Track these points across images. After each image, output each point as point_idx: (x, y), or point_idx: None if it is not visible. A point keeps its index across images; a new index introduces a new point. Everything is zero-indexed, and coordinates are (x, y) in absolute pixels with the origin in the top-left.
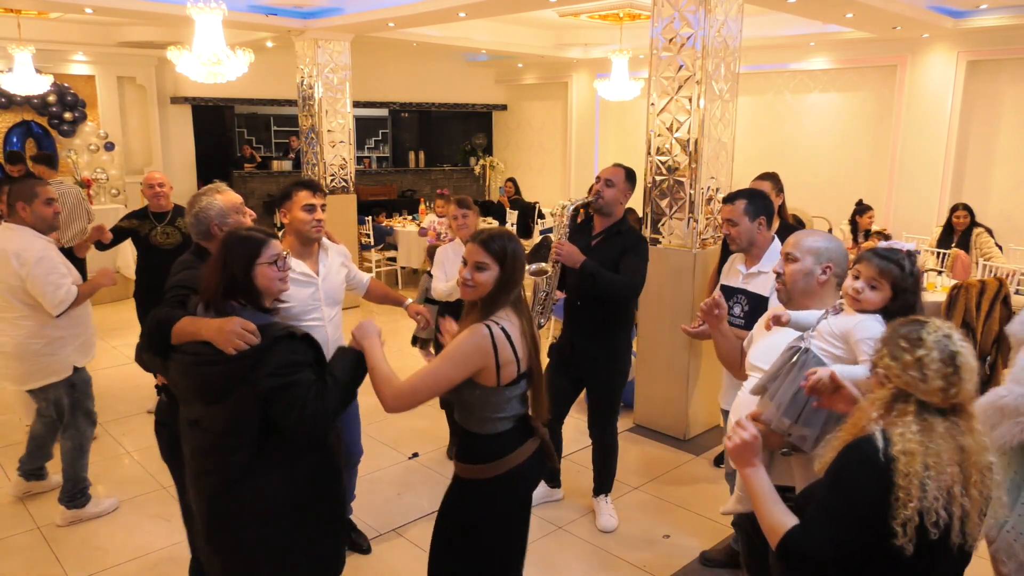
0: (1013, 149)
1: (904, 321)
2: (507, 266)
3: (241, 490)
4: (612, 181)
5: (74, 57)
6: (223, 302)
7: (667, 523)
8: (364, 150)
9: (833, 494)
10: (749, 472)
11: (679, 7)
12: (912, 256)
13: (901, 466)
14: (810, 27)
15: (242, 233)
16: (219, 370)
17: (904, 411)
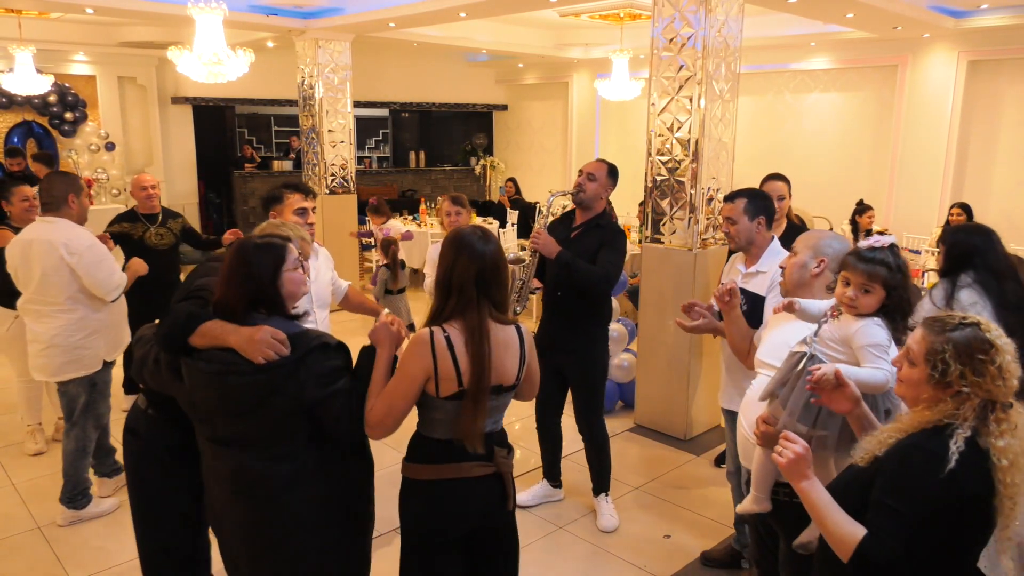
0: (1014, 149)
1: (954, 325)
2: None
3: (289, 501)
4: (594, 175)
5: (75, 57)
6: (246, 315)
7: (667, 523)
8: (364, 150)
9: (895, 495)
10: (805, 486)
11: (680, 7)
12: (894, 249)
13: (1008, 479)
14: (811, 27)
15: (259, 242)
16: (249, 381)
17: (999, 420)
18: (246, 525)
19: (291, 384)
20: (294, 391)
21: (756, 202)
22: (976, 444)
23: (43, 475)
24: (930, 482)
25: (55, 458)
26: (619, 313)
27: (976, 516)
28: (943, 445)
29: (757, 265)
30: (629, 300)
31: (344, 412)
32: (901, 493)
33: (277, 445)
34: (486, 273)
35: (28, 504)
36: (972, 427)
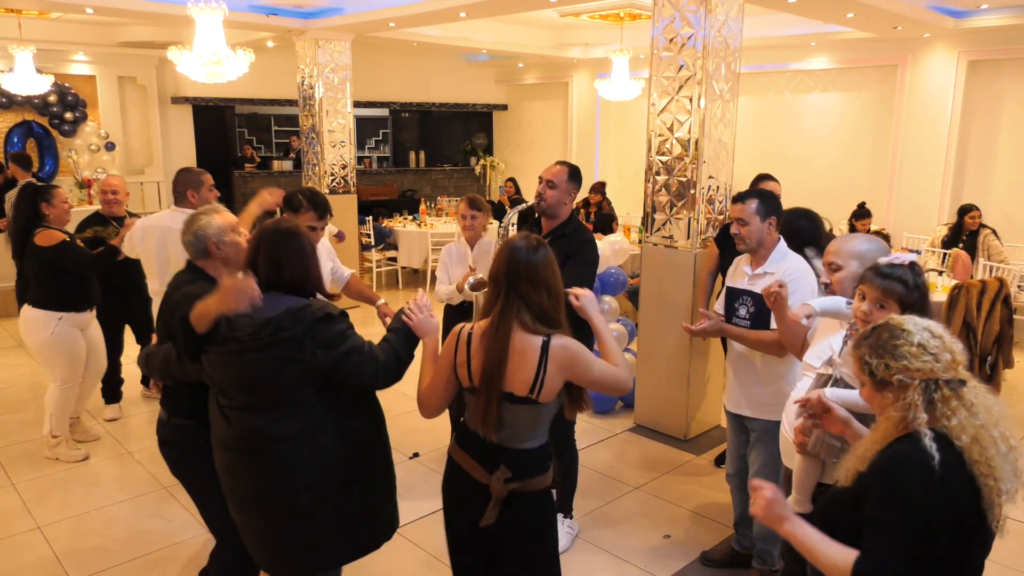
0: (1014, 149)
1: (866, 334)
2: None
3: (301, 454)
4: (554, 182)
5: (75, 57)
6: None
7: (667, 523)
8: (365, 150)
9: (891, 511)
10: (788, 527)
11: (680, 7)
12: (915, 268)
13: (976, 456)
14: (811, 27)
15: (294, 227)
16: (265, 356)
17: (944, 399)
18: (258, 483)
19: (303, 353)
20: (307, 359)
21: (767, 203)
22: (938, 433)
23: (43, 475)
24: (923, 490)
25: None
26: (619, 313)
27: (975, 500)
28: (920, 448)
29: (764, 266)
30: (629, 300)
31: (356, 368)
32: (894, 505)
33: (292, 405)
34: (528, 280)
35: (28, 504)
36: (926, 413)
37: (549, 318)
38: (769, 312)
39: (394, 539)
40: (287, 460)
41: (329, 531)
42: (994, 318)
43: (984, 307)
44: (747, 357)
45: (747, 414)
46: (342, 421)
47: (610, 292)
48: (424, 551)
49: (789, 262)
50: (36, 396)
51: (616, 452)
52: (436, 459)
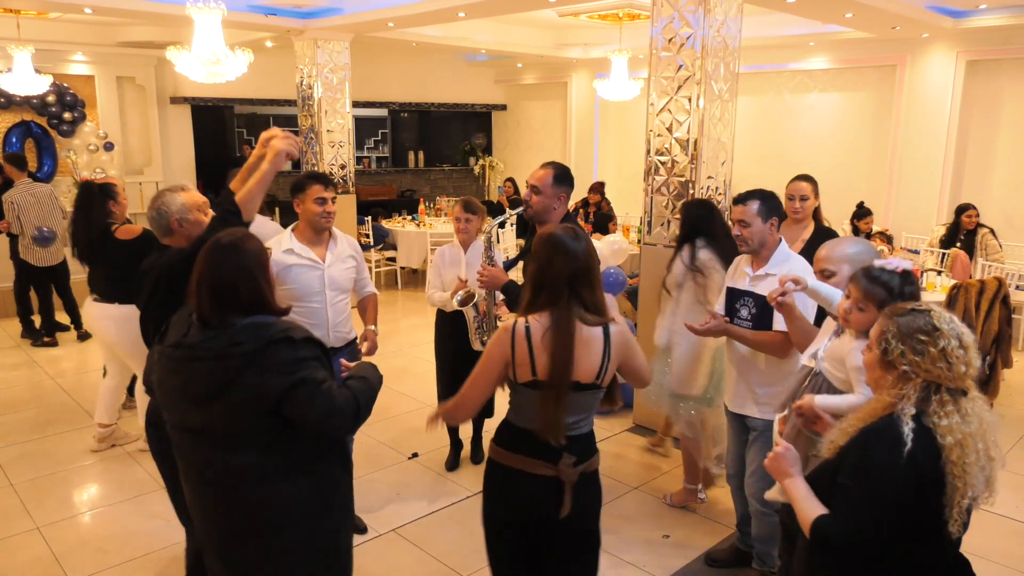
0: (1013, 149)
1: (903, 311)
2: (543, 256)
3: (255, 496)
4: (538, 188)
5: (73, 57)
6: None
7: (666, 523)
8: (364, 150)
9: (859, 480)
10: (788, 482)
11: (678, 7)
12: (907, 276)
13: (955, 458)
14: (809, 27)
15: (245, 236)
16: (210, 366)
17: (942, 402)
18: (215, 515)
19: (250, 374)
20: (253, 381)
21: (769, 203)
22: (922, 423)
23: (42, 475)
24: (891, 465)
25: (54, 458)
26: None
27: (937, 494)
28: (897, 429)
29: (766, 267)
30: (628, 300)
31: (308, 401)
32: (862, 476)
33: (243, 438)
34: (579, 273)
35: (27, 504)
36: (916, 407)
37: (599, 308)
38: (771, 313)
39: (392, 538)
40: (243, 496)
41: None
42: (993, 318)
43: (983, 307)
44: (750, 357)
45: (751, 413)
46: (312, 462)
47: (610, 292)
48: (422, 550)
49: (792, 263)
50: (35, 396)
51: (615, 452)
52: (435, 459)
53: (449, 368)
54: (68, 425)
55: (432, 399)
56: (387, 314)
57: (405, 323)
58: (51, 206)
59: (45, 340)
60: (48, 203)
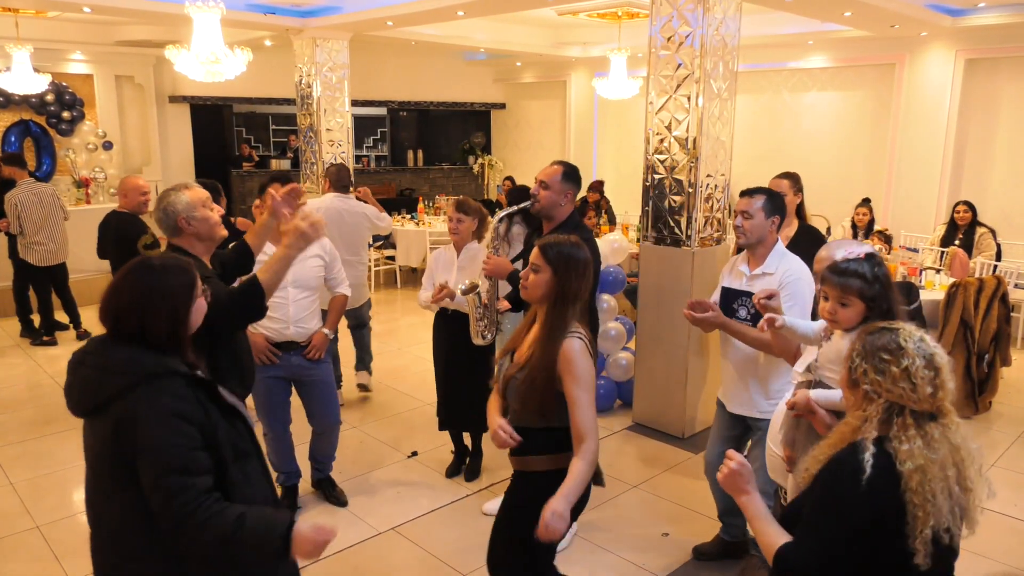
0: (1011, 147)
1: (874, 330)
2: (560, 273)
3: (116, 552)
4: (547, 183)
5: (72, 56)
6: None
7: (666, 521)
8: (363, 149)
9: (821, 511)
10: (744, 499)
11: (677, 5)
12: (872, 258)
13: (915, 485)
14: (808, 25)
15: (169, 263)
16: (88, 375)
17: (904, 425)
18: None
19: (123, 402)
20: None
21: (774, 202)
22: (883, 449)
23: (41, 474)
24: (849, 497)
25: (54, 458)
26: (617, 312)
27: (899, 523)
28: (858, 458)
29: (763, 267)
30: (627, 299)
31: (160, 486)
32: (822, 508)
33: (106, 479)
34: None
35: (27, 503)
36: (877, 430)
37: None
38: None
39: (392, 537)
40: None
41: None
42: (992, 316)
43: (982, 305)
44: (751, 356)
45: (750, 414)
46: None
47: (609, 291)
48: (422, 548)
49: (788, 263)
50: (34, 396)
51: (614, 450)
52: (435, 458)
53: (442, 374)
54: (67, 424)
55: (431, 398)
56: (386, 313)
57: (404, 322)
58: (53, 206)
59: (44, 339)
60: (51, 203)
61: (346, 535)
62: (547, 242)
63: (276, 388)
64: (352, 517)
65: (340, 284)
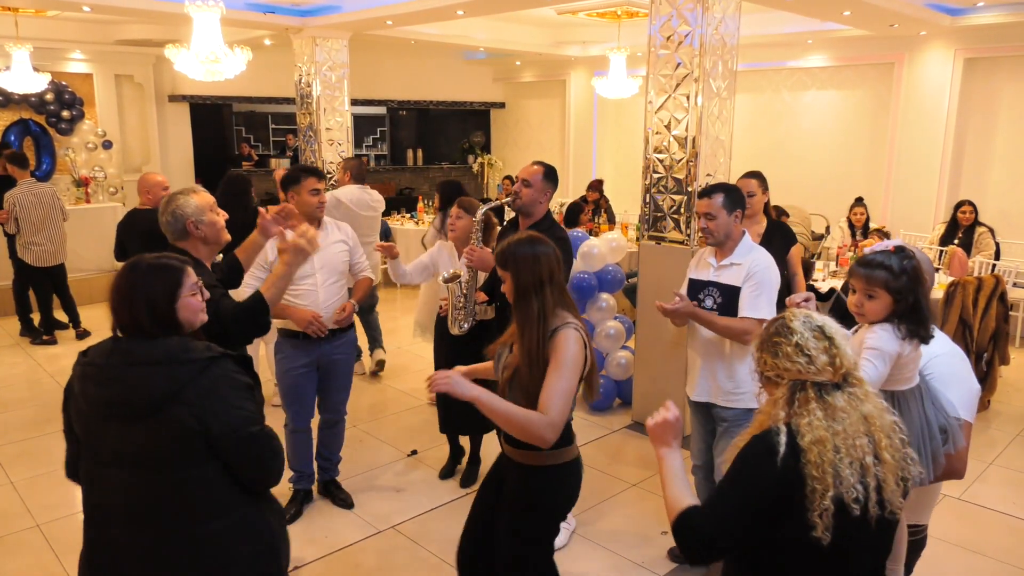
0: (1010, 147)
1: (767, 323)
2: (512, 271)
3: (201, 537)
4: (529, 181)
5: (72, 55)
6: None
7: (664, 520)
8: (362, 148)
9: (731, 485)
10: (664, 452)
11: (677, 5)
12: (902, 251)
13: (813, 457)
14: (808, 24)
15: (154, 262)
16: (148, 372)
17: (805, 399)
18: (144, 558)
19: (192, 389)
20: (197, 397)
21: (733, 195)
22: (790, 427)
23: (41, 473)
24: (760, 474)
25: (53, 456)
26: (616, 311)
27: (799, 499)
28: (771, 441)
29: (731, 257)
30: (626, 298)
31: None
32: (731, 481)
33: (182, 467)
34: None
35: (27, 502)
36: (783, 410)
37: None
38: (735, 302)
39: (391, 535)
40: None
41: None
42: (990, 315)
43: (980, 304)
44: (716, 345)
45: (719, 403)
46: (242, 509)
47: (607, 289)
48: (421, 547)
49: (755, 254)
50: (34, 395)
51: (613, 449)
52: (435, 456)
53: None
54: None
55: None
56: (387, 312)
57: (404, 321)
58: (52, 207)
59: (44, 338)
60: (50, 204)
61: (346, 533)
62: (498, 251)
63: (305, 379)
64: (352, 515)
65: (364, 269)
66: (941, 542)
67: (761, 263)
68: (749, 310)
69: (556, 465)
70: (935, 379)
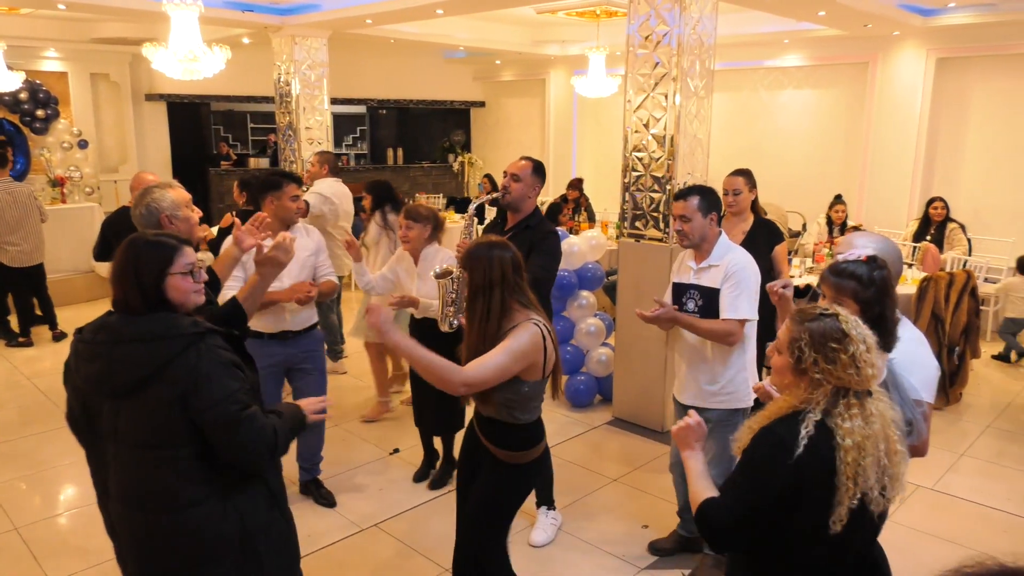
0: (981, 145)
1: (811, 316)
2: (468, 269)
3: (182, 521)
4: (518, 176)
5: (46, 54)
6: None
7: (646, 514)
8: (342, 147)
9: (744, 475)
10: (688, 454)
11: (655, 5)
12: (874, 261)
13: (851, 459)
14: (784, 24)
15: (150, 238)
16: (136, 349)
17: (849, 405)
18: (132, 538)
19: (175, 366)
20: (184, 372)
21: (708, 198)
22: (824, 425)
23: (18, 476)
24: (774, 467)
25: (33, 459)
26: (596, 308)
27: (818, 494)
28: (793, 432)
29: (709, 259)
30: (606, 295)
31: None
32: (748, 469)
33: (161, 446)
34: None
35: (5, 506)
36: (823, 410)
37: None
38: (716, 304)
39: (374, 533)
40: (166, 525)
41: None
42: (962, 310)
43: (952, 299)
44: (699, 348)
45: (701, 405)
46: (230, 490)
47: (587, 287)
48: (404, 544)
49: (733, 255)
50: (12, 397)
51: (594, 445)
52: (417, 455)
53: (415, 374)
54: (45, 426)
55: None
56: None
57: None
58: (29, 207)
59: (20, 340)
60: (26, 204)
61: (329, 532)
62: (463, 252)
63: (270, 379)
64: (334, 514)
65: (329, 274)
66: (914, 531)
67: (738, 263)
68: (730, 311)
69: (520, 464)
70: (896, 364)
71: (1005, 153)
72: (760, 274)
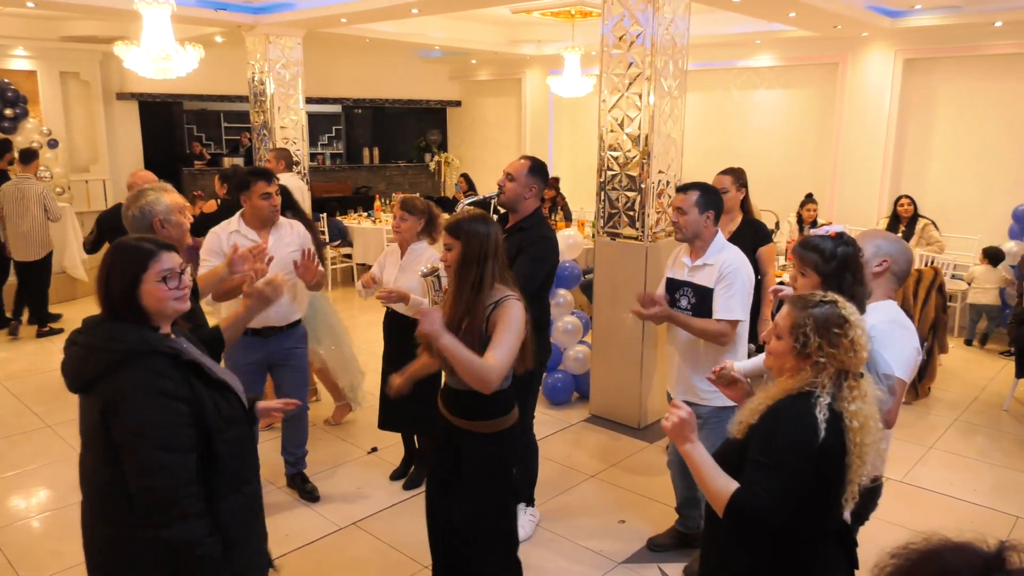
0: (947, 143)
1: (813, 303)
2: (463, 239)
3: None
4: (513, 176)
5: (14, 52)
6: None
7: (623, 509)
8: (317, 147)
9: (770, 455)
10: (688, 448)
11: (628, 5)
12: (840, 238)
13: (859, 439)
14: (755, 25)
15: (129, 243)
16: (76, 353)
17: (851, 387)
18: (91, 549)
19: (105, 382)
20: (110, 388)
21: (708, 196)
22: (832, 408)
23: None
24: (797, 440)
25: (5, 462)
26: (573, 306)
27: (834, 471)
28: (808, 408)
29: (703, 258)
30: (583, 294)
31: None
32: (772, 450)
33: (99, 450)
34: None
35: None
36: (830, 393)
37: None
38: (709, 302)
39: (352, 531)
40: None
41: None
42: (930, 305)
43: (920, 295)
44: (692, 346)
45: (695, 400)
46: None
47: (564, 285)
48: (382, 542)
49: (727, 254)
50: None
51: (572, 442)
52: (395, 453)
53: (385, 372)
54: (17, 429)
55: None
56: (344, 311)
57: (362, 319)
58: (32, 202)
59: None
60: (30, 199)
61: (308, 530)
62: (450, 222)
63: (253, 376)
64: (313, 513)
65: None
66: (883, 523)
67: (732, 263)
68: (723, 312)
69: (504, 430)
70: (874, 341)
71: (971, 152)
72: (752, 273)
